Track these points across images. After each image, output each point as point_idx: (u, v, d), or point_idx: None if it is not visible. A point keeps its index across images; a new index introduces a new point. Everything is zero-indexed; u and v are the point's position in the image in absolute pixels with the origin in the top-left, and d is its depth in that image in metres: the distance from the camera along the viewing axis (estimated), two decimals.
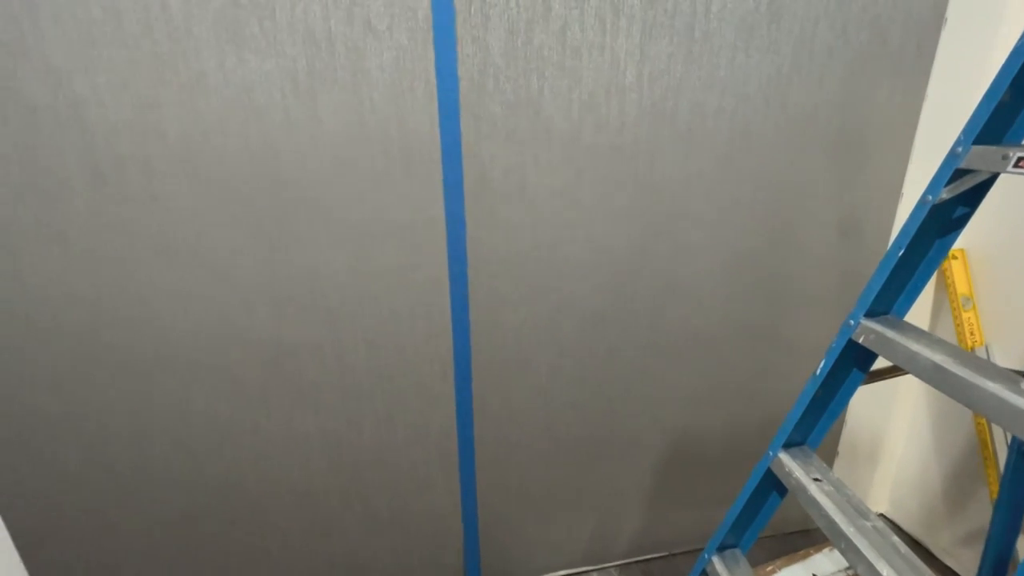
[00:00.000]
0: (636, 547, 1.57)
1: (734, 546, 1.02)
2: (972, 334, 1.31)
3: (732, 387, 1.42)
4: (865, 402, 1.53)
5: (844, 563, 1.57)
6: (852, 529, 0.73)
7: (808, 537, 1.68)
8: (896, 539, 0.70)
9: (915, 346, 0.69)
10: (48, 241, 0.97)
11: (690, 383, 1.38)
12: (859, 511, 0.76)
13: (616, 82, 1.09)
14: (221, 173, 0.99)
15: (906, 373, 0.75)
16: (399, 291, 1.14)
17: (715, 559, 0.99)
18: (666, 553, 1.61)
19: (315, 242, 1.07)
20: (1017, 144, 0.64)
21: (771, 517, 0.97)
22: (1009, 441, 1.11)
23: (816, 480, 0.82)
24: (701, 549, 1.05)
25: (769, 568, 1.56)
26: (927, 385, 0.71)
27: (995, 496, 1.28)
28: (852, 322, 0.78)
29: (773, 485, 0.93)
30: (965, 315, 1.31)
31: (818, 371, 0.83)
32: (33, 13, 0.86)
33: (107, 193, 0.96)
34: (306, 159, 1.02)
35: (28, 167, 0.92)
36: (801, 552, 1.62)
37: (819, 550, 1.63)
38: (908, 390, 1.51)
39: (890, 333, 0.73)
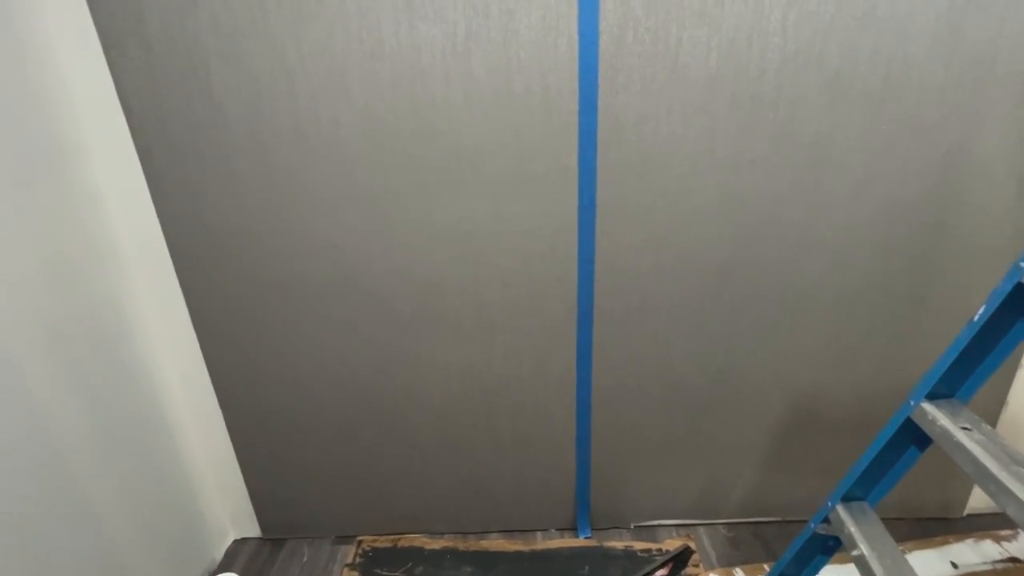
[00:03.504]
0: (748, 508, 1.57)
1: (861, 499, 1.00)
2: None
3: (868, 350, 1.34)
4: None
5: (994, 555, 1.44)
6: (1005, 474, 0.70)
7: (948, 526, 1.55)
8: None
9: None
10: (262, 181, 1.21)
11: (820, 342, 1.34)
12: (1015, 459, 0.72)
13: (759, 27, 1.07)
14: (391, 126, 1.16)
15: None
16: (532, 236, 1.26)
17: (840, 508, 0.99)
18: (779, 519, 1.59)
19: (463, 189, 1.21)
20: None
21: (905, 472, 0.94)
22: None
23: (965, 429, 0.79)
24: None
25: (899, 548, 1.47)
26: None
27: None
28: None
29: (912, 437, 0.90)
30: None
31: (976, 316, 0.79)
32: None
33: (305, 145, 1.18)
34: (459, 113, 1.15)
35: (252, 123, 1.16)
36: (938, 538, 1.51)
37: (960, 539, 1.50)
38: None
39: None
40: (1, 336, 0.97)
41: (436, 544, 1.58)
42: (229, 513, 1.61)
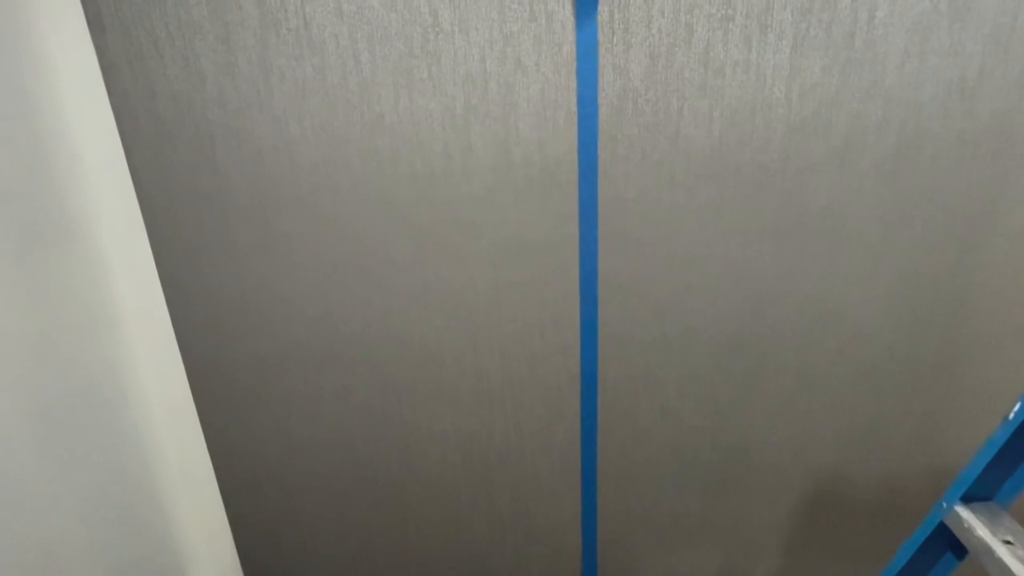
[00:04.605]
0: None
1: None
2: None
3: (896, 429, 1.25)
4: None
5: None
6: None
7: None
8: None
9: None
10: (262, 249, 1.21)
11: (842, 419, 1.25)
12: None
13: (762, 98, 1.05)
14: (391, 197, 1.16)
15: None
16: (532, 305, 1.22)
17: None
18: None
19: (461, 258, 1.19)
20: None
21: None
22: None
23: (1007, 543, 0.70)
24: None
25: None
26: None
27: None
28: None
29: (948, 543, 0.81)
30: None
31: (1011, 415, 0.71)
32: (266, 75, 1.10)
33: (306, 214, 1.18)
34: (458, 184, 1.15)
35: (254, 193, 1.18)
36: None
37: None
38: None
39: None
40: None
41: None
42: None
